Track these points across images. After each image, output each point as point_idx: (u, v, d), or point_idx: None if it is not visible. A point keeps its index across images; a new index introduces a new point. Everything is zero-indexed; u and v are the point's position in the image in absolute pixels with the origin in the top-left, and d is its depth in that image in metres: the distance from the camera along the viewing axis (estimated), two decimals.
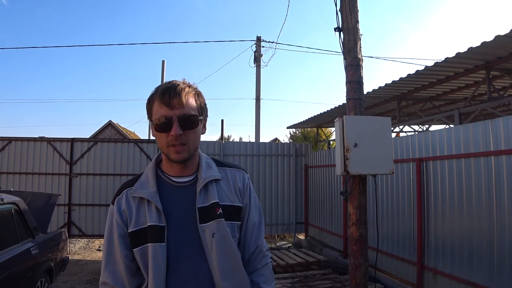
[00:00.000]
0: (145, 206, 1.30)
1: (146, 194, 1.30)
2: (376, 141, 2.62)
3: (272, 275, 1.48)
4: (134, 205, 1.33)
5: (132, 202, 1.33)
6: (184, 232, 1.28)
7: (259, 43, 12.50)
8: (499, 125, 3.94)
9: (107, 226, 1.36)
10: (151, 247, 1.25)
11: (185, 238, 1.28)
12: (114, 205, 1.35)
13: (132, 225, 1.30)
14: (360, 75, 2.96)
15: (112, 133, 26.52)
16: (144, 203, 1.31)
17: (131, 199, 1.34)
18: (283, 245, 9.92)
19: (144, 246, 1.27)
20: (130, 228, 1.30)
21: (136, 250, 1.29)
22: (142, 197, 1.31)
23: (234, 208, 1.36)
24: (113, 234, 1.33)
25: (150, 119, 1.33)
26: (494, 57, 5.31)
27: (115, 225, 1.32)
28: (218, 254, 1.27)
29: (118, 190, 1.39)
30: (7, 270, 3.75)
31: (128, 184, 1.39)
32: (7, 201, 4.32)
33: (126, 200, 1.34)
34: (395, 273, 5.55)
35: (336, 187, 7.72)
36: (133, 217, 1.31)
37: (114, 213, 1.34)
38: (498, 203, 3.89)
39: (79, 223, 8.57)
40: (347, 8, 3.06)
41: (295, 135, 22.98)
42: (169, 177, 1.37)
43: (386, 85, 6.64)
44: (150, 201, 1.30)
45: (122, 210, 1.33)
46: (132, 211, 1.32)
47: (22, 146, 8.65)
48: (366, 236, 2.89)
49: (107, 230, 1.36)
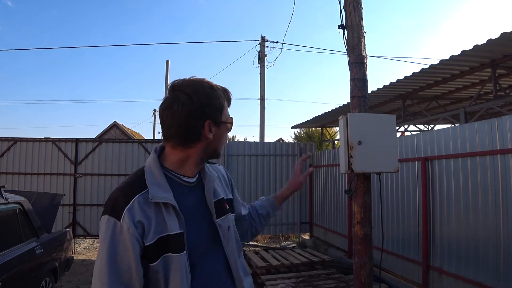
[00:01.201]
0: (163, 212, 1.15)
1: (168, 198, 1.16)
2: (381, 138, 2.60)
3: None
4: (151, 212, 1.14)
5: (147, 209, 1.14)
6: (200, 231, 1.25)
7: (264, 43, 12.49)
8: (505, 123, 3.89)
9: (110, 244, 1.09)
10: (175, 257, 1.13)
11: (202, 237, 1.25)
12: (124, 217, 1.10)
13: (151, 236, 1.12)
14: (364, 73, 2.94)
15: (117, 134, 26.64)
16: (161, 208, 1.15)
17: (146, 206, 1.14)
18: (288, 245, 9.89)
19: (165, 257, 1.13)
20: (149, 241, 1.12)
21: (154, 264, 1.13)
22: (165, 202, 1.16)
23: (229, 201, 1.43)
24: (126, 252, 1.09)
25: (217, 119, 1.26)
26: (500, 55, 5.25)
27: (129, 241, 1.09)
28: (234, 246, 1.33)
29: (118, 199, 1.15)
30: (11, 269, 3.77)
31: (133, 188, 1.17)
32: (12, 200, 4.33)
33: (141, 208, 1.13)
34: (400, 273, 5.51)
35: (341, 187, 7.68)
36: (152, 226, 1.13)
37: (127, 228, 1.09)
38: (505, 202, 3.84)
39: (84, 223, 8.60)
40: (351, 5, 3.04)
41: (299, 135, 22.94)
42: (180, 176, 1.26)
43: (391, 84, 6.60)
44: (170, 206, 1.16)
45: (137, 222, 1.11)
46: (150, 220, 1.13)
47: (27, 146, 8.70)
48: (370, 235, 2.86)
49: (111, 249, 1.09)
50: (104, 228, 1.12)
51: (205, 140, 1.25)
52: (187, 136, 1.22)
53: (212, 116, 1.24)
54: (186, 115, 1.20)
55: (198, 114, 1.21)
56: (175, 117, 1.21)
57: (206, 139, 1.24)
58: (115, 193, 1.18)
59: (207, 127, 1.23)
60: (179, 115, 1.20)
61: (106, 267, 1.08)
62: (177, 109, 1.20)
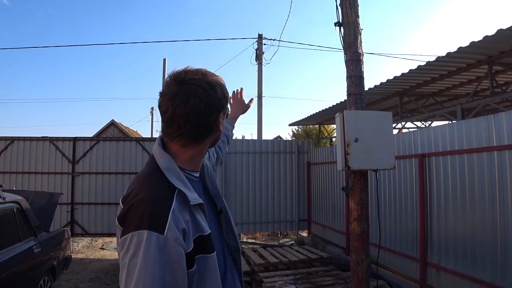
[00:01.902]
0: (195, 213, 1.08)
1: (200, 199, 1.10)
2: (377, 136, 2.61)
3: None
4: (187, 216, 1.05)
5: (184, 213, 1.04)
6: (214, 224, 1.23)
7: (261, 41, 12.48)
8: (501, 120, 3.91)
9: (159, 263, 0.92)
10: (210, 258, 1.07)
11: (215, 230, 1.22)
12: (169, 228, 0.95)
13: (190, 241, 1.02)
14: (361, 70, 2.94)
15: (115, 132, 26.61)
16: (192, 210, 1.07)
17: (183, 210, 1.04)
18: (286, 242, 9.92)
19: (199, 258, 1.04)
20: (189, 247, 1.01)
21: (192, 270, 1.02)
22: (201, 203, 1.10)
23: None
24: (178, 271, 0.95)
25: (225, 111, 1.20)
26: (497, 52, 5.26)
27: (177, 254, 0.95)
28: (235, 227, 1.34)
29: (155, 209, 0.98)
30: (9, 268, 3.77)
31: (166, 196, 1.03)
32: (10, 200, 4.33)
33: (181, 214, 1.02)
34: (398, 270, 5.54)
35: (339, 184, 7.70)
36: (190, 231, 1.03)
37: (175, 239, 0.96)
38: (501, 198, 3.86)
39: (82, 222, 8.59)
40: (347, 3, 3.04)
41: (297, 133, 22.95)
42: (191, 173, 1.19)
43: (387, 81, 6.61)
44: (198, 206, 1.10)
45: (181, 230, 0.99)
46: (189, 225, 1.03)
47: (25, 145, 8.68)
48: (368, 232, 2.88)
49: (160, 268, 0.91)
50: (144, 246, 0.92)
51: (216, 132, 1.19)
52: (201, 132, 1.13)
53: (225, 109, 1.19)
54: (204, 110, 1.10)
55: (215, 108, 1.13)
56: (192, 112, 1.08)
57: (218, 131, 1.19)
58: (145, 204, 0.99)
59: (220, 120, 1.17)
60: (198, 111, 1.09)
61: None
62: (194, 104, 1.08)
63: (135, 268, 0.91)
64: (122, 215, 1.01)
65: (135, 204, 1.00)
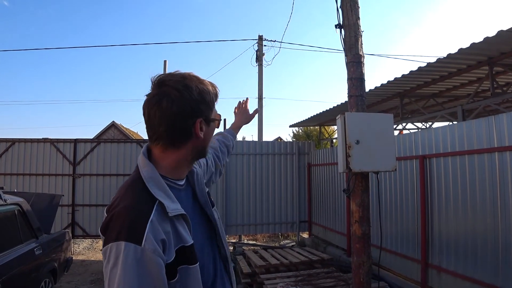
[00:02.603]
0: (176, 224, 1.06)
1: (181, 210, 1.08)
2: (378, 137, 2.61)
3: None
4: (167, 227, 1.03)
5: (164, 224, 1.02)
6: (200, 230, 1.21)
7: (261, 42, 12.50)
8: (502, 121, 3.91)
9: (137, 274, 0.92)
10: (192, 269, 1.06)
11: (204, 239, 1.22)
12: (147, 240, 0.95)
13: (171, 252, 1.02)
14: (362, 72, 2.95)
15: (116, 134, 26.61)
16: (173, 220, 1.05)
17: (162, 221, 1.02)
18: (287, 243, 9.91)
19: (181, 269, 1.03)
20: (170, 257, 1.01)
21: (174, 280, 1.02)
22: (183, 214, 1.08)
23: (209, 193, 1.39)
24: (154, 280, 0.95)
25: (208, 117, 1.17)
26: (497, 53, 5.27)
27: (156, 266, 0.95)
28: (224, 235, 1.33)
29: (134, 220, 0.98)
30: (10, 270, 3.77)
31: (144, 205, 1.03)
32: (11, 202, 4.34)
33: (160, 225, 1.01)
34: (399, 271, 5.53)
35: (339, 186, 7.70)
36: (171, 242, 1.02)
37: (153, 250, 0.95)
38: (503, 200, 3.86)
39: (82, 224, 8.60)
40: (348, 5, 3.04)
41: (298, 134, 22.94)
42: (175, 181, 1.18)
43: (388, 82, 6.61)
44: (180, 216, 1.08)
45: (160, 241, 0.99)
46: (169, 236, 1.02)
47: (26, 147, 8.69)
48: (369, 233, 2.87)
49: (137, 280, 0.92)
50: (123, 257, 0.92)
51: (196, 139, 1.15)
52: (177, 135, 1.11)
53: (203, 114, 1.14)
54: (176, 113, 1.08)
55: (189, 112, 1.10)
56: (164, 114, 1.08)
57: (197, 138, 1.14)
58: (123, 215, 0.99)
59: (198, 125, 1.13)
60: (169, 112, 1.08)
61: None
62: (166, 106, 1.07)
63: (115, 278, 0.92)
64: (105, 225, 1.01)
65: (115, 214, 1.00)
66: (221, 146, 1.81)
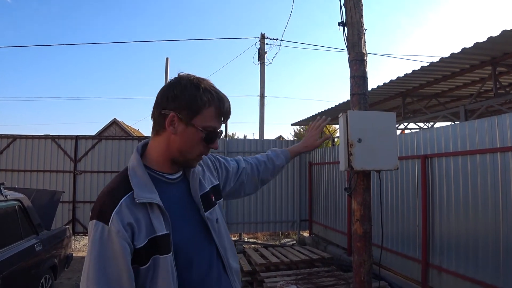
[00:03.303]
0: (149, 212, 1.13)
1: (153, 199, 1.14)
2: (381, 136, 2.59)
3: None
4: (138, 213, 1.11)
5: (135, 210, 1.11)
6: (191, 228, 1.25)
7: (263, 40, 12.47)
8: (505, 121, 3.89)
9: (99, 250, 1.05)
10: (162, 259, 1.11)
11: (193, 234, 1.25)
12: (113, 221, 1.06)
13: (142, 237, 1.10)
14: (364, 70, 2.93)
15: (117, 131, 26.62)
16: (147, 209, 1.13)
17: (133, 207, 1.11)
18: (287, 242, 9.90)
19: (154, 258, 1.11)
20: (140, 243, 1.09)
21: (145, 267, 1.11)
22: (150, 203, 1.13)
23: (215, 187, 1.44)
24: (116, 258, 1.05)
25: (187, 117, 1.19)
26: (501, 53, 5.25)
27: (119, 245, 1.05)
28: (224, 236, 1.36)
29: (105, 203, 1.11)
30: (11, 266, 3.77)
31: (119, 191, 1.14)
32: (11, 198, 4.33)
33: (129, 210, 1.10)
34: (400, 271, 5.52)
35: (341, 185, 7.69)
36: (142, 228, 1.10)
37: (116, 231, 1.05)
38: (504, 200, 3.84)
39: (83, 220, 8.61)
40: (351, 3, 3.02)
41: (299, 132, 22.95)
42: (164, 174, 1.25)
43: (390, 81, 6.59)
44: (155, 206, 1.14)
45: (127, 224, 1.08)
46: (139, 222, 1.10)
47: (27, 143, 8.70)
48: (370, 232, 2.86)
49: (99, 255, 1.04)
50: (92, 233, 1.07)
51: (168, 132, 1.20)
52: (155, 121, 1.23)
53: (179, 111, 1.18)
54: (159, 99, 1.22)
55: (164, 102, 1.20)
56: (156, 99, 1.24)
57: (168, 131, 1.20)
58: (101, 197, 1.14)
59: (170, 118, 1.18)
60: (157, 98, 1.23)
61: (95, 275, 1.03)
62: (159, 93, 1.23)
63: (88, 250, 1.08)
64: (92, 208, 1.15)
65: (98, 197, 1.17)
66: (267, 162, 1.77)
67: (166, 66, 16.18)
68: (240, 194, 1.70)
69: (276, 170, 1.80)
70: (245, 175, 1.67)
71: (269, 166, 1.76)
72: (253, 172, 1.71)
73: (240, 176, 1.64)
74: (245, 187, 1.68)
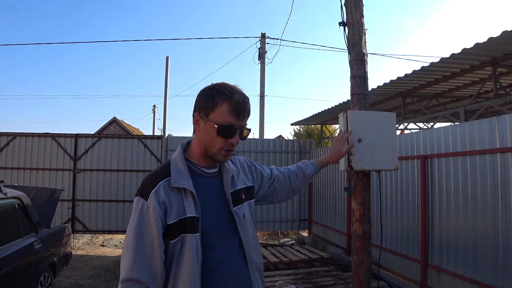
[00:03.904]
0: (183, 197, 1.33)
1: (187, 185, 1.34)
2: (381, 136, 2.59)
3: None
4: (173, 196, 1.33)
5: (170, 193, 1.33)
6: (218, 216, 1.41)
7: (264, 40, 12.45)
8: (505, 122, 3.89)
9: (138, 220, 1.29)
10: (189, 237, 1.30)
11: (219, 222, 1.41)
12: (151, 198, 1.30)
13: (173, 216, 1.30)
14: (365, 70, 2.92)
15: (117, 130, 26.61)
16: (181, 194, 1.34)
17: (169, 190, 1.33)
18: (286, 242, 9.92)
19: (182, 236, 1.30)
20: (170, 220, 1.30)
21: (173, 241, 1.31)
22: (184, 188, 1.34)
23: (248, 189, 1.60)
24: (150, 228, 1.28)
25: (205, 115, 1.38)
26: (501, 54, 5.24)
27: (154, 219, 1.28)
28: (249, 231, 1.50)
29: (148, 183, 1.34)
30: (10, 264, 3.77)
31: (160, 175, 1.36)
32: (11, 195, 4.33)
33: (165, 191, 1.32)
34: (399, 271, 5.53)
35: (340, 184, 7.69)
36: (173, 208, 1.31)
37: (153, 206, 1.28)
38: (504, 201, 3.85)
39: (83, 219, 8.60)
40: (352, 2, 3.02)
41: (299, 132, 22.92)
42: (201, 168, 1.44)
43: (391, 81, 6.59)
44: (189, 192, 1.34)
45: (162, 202, 1.30)
46: (172, 202, 1.32)
47: (27, 141, 8.69)
48: (369, 232, 2.86)
49: (138, 225, 1.28)
50: (135, 206, 1.32)
51: (197, 131, 1.43)
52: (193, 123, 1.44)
53: (200, 110, 1.39)
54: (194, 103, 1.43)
55: (196, 105, 1.42)
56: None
57: (197, 130, 1.42)
58: (145, 179, 1.37)
59: (196, 118, 1.41)
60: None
61: (134, 241, 1.27)
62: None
63: (129, 223, 1.31)
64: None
65: (143, 179, 1.39)
66: (298, 171, 1.92)
67: (166, 65, 16.15)
68: (273, 200, 1.88)
69: (306, 179, 1.95)
70: (278, 182, 1.83)
71: (299, 175, 1.92)
72: (285, 180, 1.87)
73: (273, 182, 1.81)
74: (277, 193, 1.85)
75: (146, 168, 8.75)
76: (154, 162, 8.80)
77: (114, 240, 9.63)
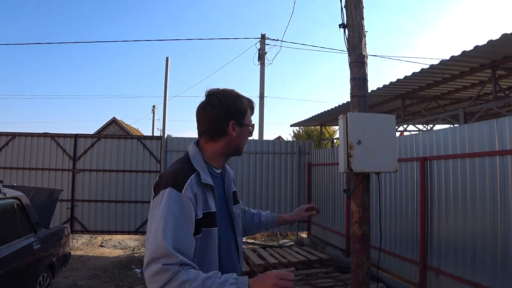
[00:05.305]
0: (206, 192, 1.42)
1: (212, 182, 1.44)
2: (380, 138, 2.59)
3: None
4: (199, 191, 1.39)
5: (197, 187, 1.39)
6: (222, 214, 1.52)
7: (264, 41, 12.46)
8: (504, 124, 3.90)
9: (175, 211, 1.29)
10: (212, 231, 1.41)
11: (224, 217, 1.53)
12: (186, 189, 1.34)
13: (202, 208, 1.38)
14: (365, 72, 2.93)
15: (116, 130, 26.60)
16: (204, 189, 1.42)
17: (197, 184, 1.39)
18: (285, 243, 9.91)
19: (205, 230, 1.38)
20: (200, 211, 1.37)
21: (198, 236, 1.36)
22: (210, 185, 1.43)
23: (235, 193, 1.70)
24: (189, 219, 1.32)
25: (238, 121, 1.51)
26: (501, 56, 5.25)
27: (191, 209, 1.33)
28: (240, 228, 1.66)
29: (180, 175, 1.37)
30: (9, 264, 3.76)
31: (188, 170, 1.42)
32: (10, 195, 4.33)
33: (197, 185, 1.38)
34: (398, 273, 5.53)
35: (339, 186, 7.69)
36: (200, 203, 1.38)
37: (189, 197, 1.33)
38: (503, 203, 3.85)
39: (81, 219, 8.60)
40: (352, 4, 3.03)
41: (298, 133, 22.92)
42: (213, 168, 1.55)
43: (390, 83, 6.60)
44: (210, 188, 1.44)
45: (194, 194, 1.36)
46: (199, 197, 1.38)
47: (26, 141, 8.69)
48: (369, 234, 2.86)
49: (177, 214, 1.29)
50: (166, 197, 1.31)
51: (230, 137, 1.51)
52: (215, 132, 1.50)
53: (236, 118, 1.51)
54: (216, 115, 1.48)
55: (225, 115, 1.49)
56: (208, 116, 1.49)
57: (230, 136, 1.51)
58: (171, 172, 1.40)
59: (231, 126, 1.50)
60: (211, 115, 1.48)
61: (171, 229, 1.26)
62: (209, 110, 1.49)
63: (159, 210, 1.29)
64: (156, 184, 1.39)
65: (165, 175, 1.40)
66: (255, 218, 1.99)
67: (166, 66, 16.15)
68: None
69: (260, 228, 2.02)
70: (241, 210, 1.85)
71: (255, 221, 1.99)
72: (244, 215, 1.93)
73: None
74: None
75: (146, 168, 8.74)
76: (153, 163, 8.79)
77: (113, 241, 9.61)
